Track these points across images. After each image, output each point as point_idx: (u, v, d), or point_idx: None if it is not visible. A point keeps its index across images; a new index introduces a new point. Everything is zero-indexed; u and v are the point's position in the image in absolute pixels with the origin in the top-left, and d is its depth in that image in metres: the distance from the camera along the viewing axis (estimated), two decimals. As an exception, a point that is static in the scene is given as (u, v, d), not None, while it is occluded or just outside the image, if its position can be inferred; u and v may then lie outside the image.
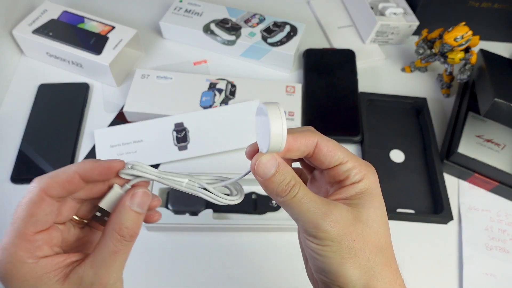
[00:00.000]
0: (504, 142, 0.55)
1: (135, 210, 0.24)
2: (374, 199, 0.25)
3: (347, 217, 0.24)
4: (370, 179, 0.26)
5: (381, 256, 0.24)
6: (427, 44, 0.62)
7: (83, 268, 0.23)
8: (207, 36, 0.64)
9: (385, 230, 0.25)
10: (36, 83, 0.60)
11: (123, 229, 0.24)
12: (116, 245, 0.24)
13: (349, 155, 0.26)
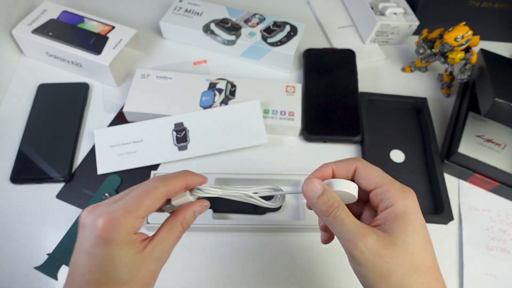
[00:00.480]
0: (505, 142, 0.55)
1: (195, 214, 0.33)
2: (409, 223, 0.27)
3: (382, 241, 0.27)
4: (405, 203, 0.28)
5: (416, 276, 0.26)
6: (427, 44, 0.62)
7: (155, 243, 0.30)
8: (207, 36, 0.64)
9: (422, 252, 0.27)
10: (36, 83, 0.60)
11: (184, 223, 0.32)
12: (178, 232, 0.32)
13: (386, 179, 0.29)
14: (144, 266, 0.29)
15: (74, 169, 0.53)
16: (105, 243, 0.28)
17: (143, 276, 0.29)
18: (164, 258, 0.31)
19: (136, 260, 0.29)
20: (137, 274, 0.29)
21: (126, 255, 0.28)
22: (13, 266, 0.46)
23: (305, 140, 0.57)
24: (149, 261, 0.29)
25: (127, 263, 0.28)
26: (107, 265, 0.28)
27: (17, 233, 0.48)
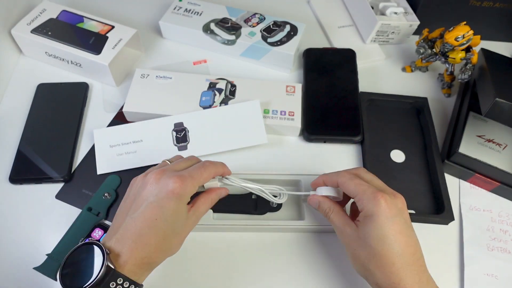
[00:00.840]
0: (506, 142, 0.55)
1: (219, 196, 0.43)
2: (372, 223, 0.37)
3: (352, 233, 0.39)
4: (371, 209, 0.38)
5: (373, 261, 0.37)
6: (428, 44, 0.62)
7: (196, 208, 0.40)
8: (207, 36, 0.64)
9: (381, 245, 0.37)
10: (35, 82, 0.60)
11: (213, 200, 0.43)
12: (208, 205, 0.42)
13: (359, 190, 0.39)
14: (189, 223, 0.38)
15: (74, 169, 0.53)
16: (176, 198, 0.36)
17: (186, 231, 0.39)
18: (196, 221, 0.40)
19: (187, 217, 0.38)
20: (185, 228, 0.38)
21: (184, 211, 0.38)
22: (12, 266, 0.46)
23: (305, 140, 0.57)
24: (191, 220, 0.39)
25: (182, 218, 0.37)
26: (171, 215, 0.36)
27: (16, 233, 0.48)
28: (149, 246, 0.35)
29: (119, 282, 0.32)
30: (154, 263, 0.36)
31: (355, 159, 0.56)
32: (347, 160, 0.56)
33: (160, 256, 0.36)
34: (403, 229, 0.37)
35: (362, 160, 0.56)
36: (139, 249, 0.34)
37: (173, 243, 0.37)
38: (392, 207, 0.37)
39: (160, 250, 0.36)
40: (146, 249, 0.34)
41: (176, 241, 0.38)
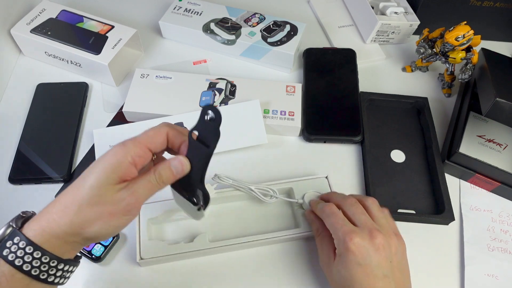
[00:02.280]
0: (506, 142, 0.55)
1: (171, 169, 0.34)
2: (342, 263, 0.38)
3: (327, 263, 0.40)
4: (340, 250, 0.38)
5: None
6: (428, 44, 0.62)
7: (130, 185, 0.33)
8: (207, 36, 0.64)
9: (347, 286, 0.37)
10: (35, 82, 0.60)
11: (157, 173, 0.34)
12: (150, 178, 0.34)
13: (333, 229, 0.40)
14: (114, 199, 0.32)
15: (73, 169, 0.53)
16: (103, 162, 0.32)
17: (107, 207, 0.32)
18: (129, 198, 0.32)
19: (113, 189, 0.32)
20: (106, 202, 0.31)
21: (110, 179, 0.31)
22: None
23: (305, 140, 0.57)
24: (118, 197, 0.32)
25: (106, 187, 0.31)
26: (93, 179, 0.31)
27: (16, 233, 0.48)
28: (57, 210, 0.31)
29: (15, 242, 0.30)
30: (66, 234, 0.31)
31: (355, 159, 0.56)
32: (347, 160, 0.56)
33: (68, 227, 0.31)
34: (379, 273, 0.37)
35: (362, 160, 0.56)
36: (48, 213, 0.31)
37: (88, 216, 0.31)
38: (364, 250, 0.37)
39: (68, 218, 0.31)
40: (54, 213, 0.31)
41: (92, 214, 0.31)
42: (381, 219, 0.40)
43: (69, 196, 0.32)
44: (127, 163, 0.32)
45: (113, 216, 0.32)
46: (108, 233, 0.33)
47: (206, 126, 0.33)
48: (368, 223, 0.39)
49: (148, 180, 0.33)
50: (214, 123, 0.33)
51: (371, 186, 0.52)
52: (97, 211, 0.31)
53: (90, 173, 0.32)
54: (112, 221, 0.32)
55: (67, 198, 0.31)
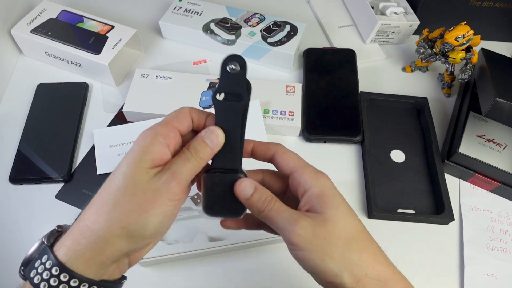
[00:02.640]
0: (506, 142, 0.55)
1: (206, 142, 0.29)
2: (332, 199, 0.29)
3: (316, 221, 0.28)
4: (320, 183, 0.30)
5: (355, 244, 0.28)
6: (428, 44, 0.62)
7: (166, 167, 0.28)
8: (207, 36, 0.64)
9: (352, 222, 0.29)
10: (35, 82, 0.60)
11: (191, 147, 0.29)
12: (187, 156, 0.29)
13: (301, 163, 0.31)
14: (158, 187, 0.27)
15: (74, 169, 0.53)
16: (131, 154, 0.28)
17: (154, 200, 0.27)
18: (170, 180, 0.27)
19: (150, 178, 0.27)
20: (149, 195, 0.27)
21: (142, 168, 0.27)
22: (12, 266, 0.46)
23: (305, 140, 0.57)
24: (160, 183, 0.27)
25: (142, 178, 0.27)
26: (122, 175, 0.27)
27: (16, 233, 0.48)
28: (95, 206, 0.27)
29: (43, 261, 0.26)
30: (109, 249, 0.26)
31: (355, 159, 0.56)
32: (347, 160, 0.56)
33: (106, 230, 0.26)
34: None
35: (362, 160, 0.56)
36: (82, 220, 0.27)
37: (126, 208, 0.26)
38: (331, 180, 0.31)
39: (103, 218, 0.26)
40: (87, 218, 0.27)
41: (131, 205, 0.26)
42: None
43: (102, 194, 0.27)
44: (158, 144, 0.28)
45: (156, 204, 0.27)
46: (157, 225, 0.27)
47: (231, 81, 0.29)
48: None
49: (185, 158, 0.29)
50: (240, 72, 0.29)
51: (371, 186, 0.52)
52: (136, 201, 0.26)
53: (121, 163, 0.28)
54: (157, 210, 0.27)
55: (100, 197, 0.27)
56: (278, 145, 0.32)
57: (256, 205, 0.29)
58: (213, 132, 0.30)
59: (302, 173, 0.30)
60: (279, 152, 0.32)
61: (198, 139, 0.29)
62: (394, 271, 0.29)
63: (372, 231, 0.49)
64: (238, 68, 0.29)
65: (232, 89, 0.30)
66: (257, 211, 0.30)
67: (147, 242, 0.29)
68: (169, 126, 0.29)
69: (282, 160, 0.31)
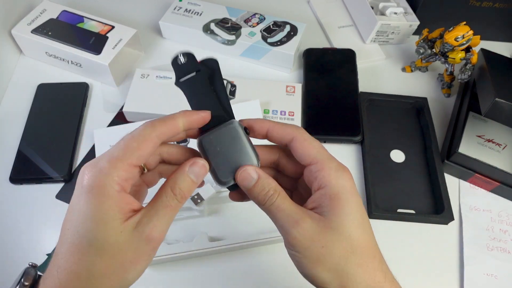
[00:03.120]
0: (505, 142, 0.55)
1: (191, 177, 0.27)
2: (345, 205, 0.26)
3: (317, 225, 0.26)
4: (339, 184, 0.26)
5: (353, 258, 0.26)
6: (427, 44, 0.62)
7: (140, 215, 0.25)
8: (207, 36, 0.64)
9: (356, 233, 0.26)
10: (35, 82, 0.60)
11: (176, 188, 0.26)
12: (169, 200, 0.26)
13: (323, 156, 0.27)
14: (125, 239, 0.24)
15: (74, 169, 0.53)
16: (86, 193, 0.24)
17: (122, 252, 0.24)
18: (152, 235, 0.25)
19: (117, 227, 0.24)
20: (117, 245, 0.24)
21: (108, 213, 0.24)
22: (12, 266, 0.46)
23: (305, 140, 0.57)
24: (131, 235, 0.24)
25: (106, 225, 0.24)
26: (82, 220, 0.24)
27: (17, 233, 0.48)
28: (60, 266, 0.24)
29: None
30: None
31: (355, 159, 0.56)
32: (347, 160, 0.56)
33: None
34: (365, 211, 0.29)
35: (362, 160, 0.56)
36: (51, 272, 0.25)
37: (116, 281, 0.24)
38: (353, 181, 0.28)
39: (78, 278, 0.24)
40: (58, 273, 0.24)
41: (120, 277, 0.24)
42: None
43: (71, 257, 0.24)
44: (115, 193, 0.24)
45: (138, 262, 0.25)
46: (138, 276, 0.26)
47: (184, 67, 0.30)
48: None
49: (166, 205, 0.26)
50: (189, 59, 0.30)
51: (371, 186, 0.52)
52: (116, 265, 0.24)
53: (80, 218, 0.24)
54: (139, 267, 0.25)
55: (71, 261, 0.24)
56: (298, 130, 0.28)
57: (257, 198, 0.27)
58: (196, 164, 0.27)
59: (321, 168, 0.27)
60: (298, 138, 0.28)
61: (182, 176, 0.27)
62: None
63: (372, 231, 0.48)
64: (186, 58, 0.30)
65: (188, 71, 0.29)
66: (258, 203, 0.28)
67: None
68: (123, 166, 0.25)
69: (302, 148, 0.28)
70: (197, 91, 0.30)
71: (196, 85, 0.29)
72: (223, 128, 0.28)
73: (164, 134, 0.27)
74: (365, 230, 0.27)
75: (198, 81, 0.29)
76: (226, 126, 0.29)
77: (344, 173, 0.27)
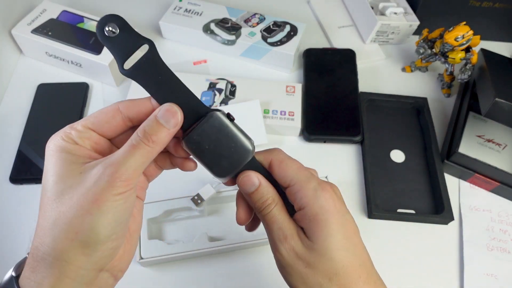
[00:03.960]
0: (505, 142, 0.55)
1: (159, 120, 0.25)
2: (324, 227, 0.26)
3: (302, 245, 0.26)
4: (318, 205, 0.26)
5: (336, 279, 0.26)
6: (427, 44, 0.62)
7: (103, 158, 0.25)
8: (207, 36, 0.64)
9: (342, 255, 0.26)
10: (35, 82, 0.60)
11: (142, 129, 0.25)
12: (132, 140, 0.25)
13: (300, 177, 0.27)
14: (84, 177, 0.23)
15: (74, 169, 0.53)
16: (47, 155, 0.25)
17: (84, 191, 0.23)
18: (112, 170, 0.23)
19: (76, 169, 0.24)
20: (74, 187, 0.23)
21: (62, 166, 0.24)
22: (13, 266, 0.46)
23: (305, 140, 0.57)
24: (89, 173, 0.24)
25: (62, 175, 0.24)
26: (46, 176, 0.25)
27: (17, 233, 0.48)
28: (39, 228, 0.24)
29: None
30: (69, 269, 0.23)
31: (355, 159, 0.56)
32: (347, 160, 0.56)
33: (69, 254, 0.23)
34: (355, 227, 0.28)
35: (362, 160, 0.56)
36: (32, 249, 0.24)
37: (78, 224, 0.23)
38: (340, 201, 0.28)
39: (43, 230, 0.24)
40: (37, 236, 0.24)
41: (71, 211, 0.23)
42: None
43: (41, 210, 0.25)
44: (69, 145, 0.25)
45: (99, 202, 0.23)
46: (109, 224, 0.23)
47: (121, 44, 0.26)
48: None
49: (131, 145, 0.24)
50: (122, 32, 0.26)
51: (371, 186, 0.52)
52: (75, 206, 0.23)
53: (46, 172, 0.25)
54: (103, 208, 0.23)
55: (40, 213, 0.25)
56: (274, 152, 0.29)
57: (255, 203, 0.28)
58: (168, 110, 0.25)
59: (299, 189, 0.27)
60: (274, 161, 0.28)
61: (150, 120, 0.25)
62: None
63: (371, 231, 0.50)
64: (117, 30, 0.25)
65: (128, 47, 0.25)
66: (255, 208, 0.28)
67: (109, 246, 0.24)
68: (77, 126, 0.26)
69: (279, 170, 0.28)
70: (155, 78, 0.25)
71: (152, 69, 0.25)
72: (206, 123, 0.26)
73: (125, 107, 0.26)
74: (348, 250, 0.26)
75: (153, 63, 0.25)
76: (208, 120, 0.26)
77: (323, 192, 0.27)
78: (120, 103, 0.27)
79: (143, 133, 0.25)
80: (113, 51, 0.26)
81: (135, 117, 0.27)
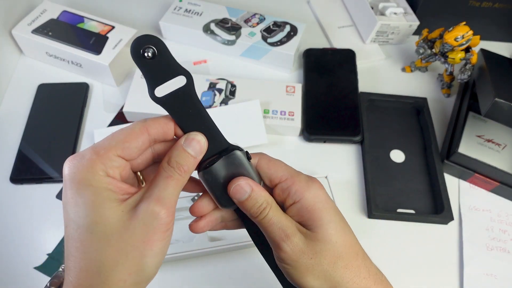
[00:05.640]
0: (505, 142, 0.55)
1: (187, 151, 0.26)
2: (323, 214, 0.27)
3: (305, 239, 0.27)
4: (313, 194, 0.27)
5: (340, 262, 0.27)
6: (427, 44, 0.62)
7: (140, 193, 0.25)
8: (207, 36, 0.64)
9: (341, 238, 0.27)
10: (36, 83, 0.60)
11: (172, 161, 0.25)
12: (167, 172, 0.25)
13: (291, 172, 0.29)
14: (129, 217, 0.23)
15: (74, 169, 0.53)
16: (73, 187, 0.23)
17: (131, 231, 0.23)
18: (158, 208, 0.24)
19: (116, 207, 0.23)
20: (120, 226, 0.23)
21: (100, 197, 0.23)
22: (13, 266, 0.46)
23: (305, 140, 0.57)
24: (134, 212, 0.23)
25: (103, 207, 0.23)
26: (78, 211, 0.23)
27: (17, 233, 0.48)
28: (70, 267, 0.23)
29: None
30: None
31: (355, 159, 0.56)
32: (347, 160, 0.56)
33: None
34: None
35: (361, 160, 0.56)
36: (66, 278, 0.23)
37: (132, 267, 0.23)
38: (324, 189, 0.29)
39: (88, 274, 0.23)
40: (69, 276, 0.23)
41: (136, 262, 0.23)
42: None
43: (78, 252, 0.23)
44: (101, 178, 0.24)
45: (150, 242, 0.23)
46: (158, 264, 0.25)
47: (158, 69, 0.25)
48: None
49: (166, 177, 0.25)
50: (161, 56, 0.24)
51: (370, 186, 0.52)
52: (127, 248, 0.23)
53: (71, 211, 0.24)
54: (155, 249, 0.24)
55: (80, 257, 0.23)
56: (259, 155, 0.30)
57: (249, 211, 0.27)
58: (193, 139, 0.26)
59: (292, 183, 0.28)
60: (262, 161, 0.29)
61: (178, 150, 0.26)
62: (376, 281, 0.28)
63: (371, 231, 0.50)
64: (156, 51, 0.24)
65: (166, 76, 0.25)
66: (250, 215, 0.28)
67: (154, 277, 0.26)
68: (107, 154, 0.24)
69: (269, 168, 0.29)
70: (186, 110, 0.26)
71: (185, 103, 0.25)
72: (228, 159, 0.27)
73: (153, 129, 0.26)
74: (345, 232, 0.28)
75: (188, 97, 0.25)
76: (230, 157, 0.27)
77: (314, 183, 0.28)
78: (148, 124, 0.26)
79: (175, 164, 0.25)
80: (146, 74, 0.25)
81: (160, 138, 0.27)
